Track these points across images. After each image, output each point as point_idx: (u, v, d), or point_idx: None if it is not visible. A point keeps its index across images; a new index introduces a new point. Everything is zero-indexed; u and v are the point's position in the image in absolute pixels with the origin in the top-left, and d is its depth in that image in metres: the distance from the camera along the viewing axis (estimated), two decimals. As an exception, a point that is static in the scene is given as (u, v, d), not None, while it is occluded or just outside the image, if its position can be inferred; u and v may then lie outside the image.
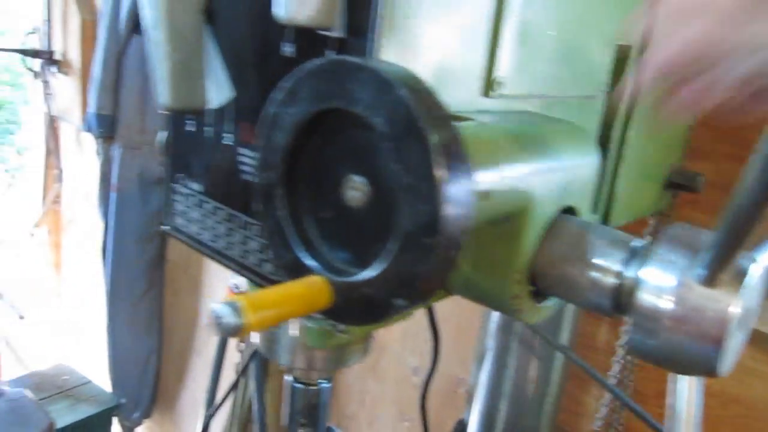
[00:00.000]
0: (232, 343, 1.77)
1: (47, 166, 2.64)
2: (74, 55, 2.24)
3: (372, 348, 0.62)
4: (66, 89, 2.32)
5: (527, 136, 0.48)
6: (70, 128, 2.46)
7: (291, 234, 0.39)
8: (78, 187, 2.51)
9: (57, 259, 2.74)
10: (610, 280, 0.46)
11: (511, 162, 0.43)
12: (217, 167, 0.54)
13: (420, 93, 0.33)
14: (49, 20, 2.29)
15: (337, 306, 0.36)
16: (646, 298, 0.43)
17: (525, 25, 0.52)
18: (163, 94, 0.51)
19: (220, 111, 0.53)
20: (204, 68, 0.52)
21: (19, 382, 2.22)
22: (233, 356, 1.79)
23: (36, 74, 2.43)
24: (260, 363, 1.70)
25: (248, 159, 0.51)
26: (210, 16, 0.52)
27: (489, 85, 0.51)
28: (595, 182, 0.54)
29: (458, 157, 0.32)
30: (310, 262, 0.38)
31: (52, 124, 2.47)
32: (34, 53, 2.35)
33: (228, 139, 0.53)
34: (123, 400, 2.20)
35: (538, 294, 0.51)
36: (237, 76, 0.51)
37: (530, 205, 0.46)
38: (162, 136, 0.60)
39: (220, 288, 1.94)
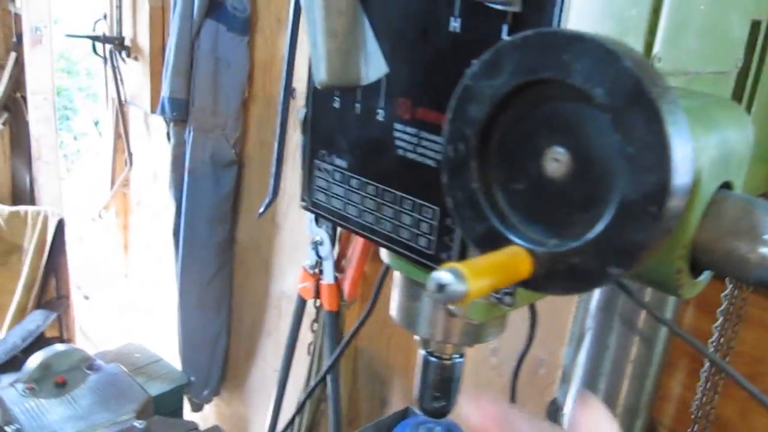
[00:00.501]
0: (306, 323, 1.80)
1: (116, 150, 2.70)
2: (144, 41, 2.29)
3: (506, 326, 0.63)
4: (135, 74, 2.37)
5: (694, 109, 0.47)
6: (138, 112, 2.51)
7: (485, 206, 0.39)
8: (146, 170, 2.56)
9: (125, 241, 2.81)
10: (782, 255, 0.45)
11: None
12: (367, 143, 0.55)
13: (642, 63, 0.33)
14: (119, 7, 2.33)
15: (538, 276, 0.37)
16: (826, 272, 0.42)
17: (681, -1, 0.52)
18: (319, 71, 0.52)
19: (373, 87, 0.54)
20: (359, 44, 0.53)
21: (93, 359, 2.30)
22: (306, 336, 1.82)
23: (106, 60, 2.49)
24: (333, 343, 1.73)
25: (404, 134, 0.52)
26: (363, -8, 0.53)
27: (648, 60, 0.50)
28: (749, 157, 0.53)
29: (683, 126, 0.32)
30: (507, 233, 0.38)
31: (122, 109, 2.52)
32: (104, 39, 2.40)
33: (381, 114, 0.53)
34: (193, 378, 2.25)
35: (694, 269, 0.51)
36: (393, 52, 0.52)
37: (698, 179, 0.46)
38: (302, 113, 0.61)
39: (291, 269, 1.97)
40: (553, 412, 1.08)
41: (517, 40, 0.36)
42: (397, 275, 0.60)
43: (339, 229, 1.62)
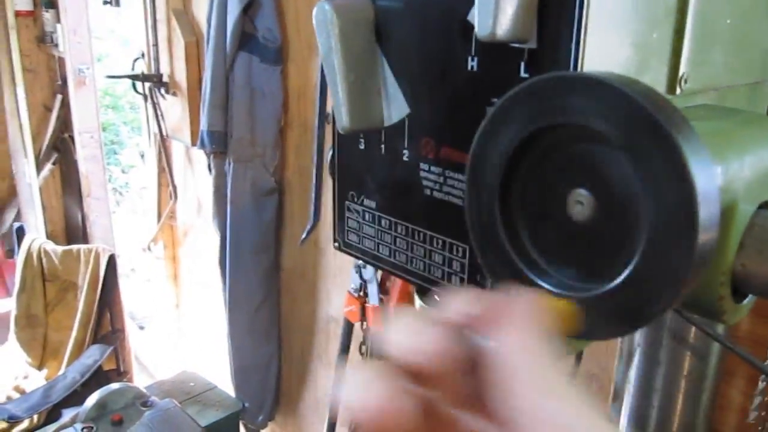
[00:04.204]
0: (354, 345, 1.80)
1: (160, 184, 2.76)
2: (181, 76, 2.34)
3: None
4: (175, 109, 2.43)
5: (726, 131, 0.46)
6: (180, 146, 2.57)
7: (512, 252, 0.39)
8: (190, 202, 2.62)
9: (175, 272, 2.87)
10: (830, 277, 0.44)
11: (721, 160, 0.42)
12: (395, 183, 0.55)
13: (654, 97, 0.32)
14: (156, 44, 2.40)
15: (585, 323, 0.36)
16: None
17: (705, 15, 0.50)
18: (341, 117, 0.53)
19: (396, 128, 0.54)
20: (379, 87, 0.53)
21: (149, 390, 2.34)
22: (355, 358, 1.82)
23: (146, 97, 2.55)
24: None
25: (430, 174, 0.52)
26: (380, 34, 0.53)
27: (674, 82, 0.49)
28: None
29: (703, 156, 0.32)
30: (536, 278, 0.38)
31: (164, 144, 2.58)
32: (143, 78, 2.47)
33: (406, 155, 0.53)
34: (247, 404, 2.28)
35: (736, 294, 0.49)
36: (414, 93, 0.52)
37: (736, 203, 0.44)
38: (329, 155, 0.61)
39: (336, 293, 1.98)
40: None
41: (529, 86, 0.36)
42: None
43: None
